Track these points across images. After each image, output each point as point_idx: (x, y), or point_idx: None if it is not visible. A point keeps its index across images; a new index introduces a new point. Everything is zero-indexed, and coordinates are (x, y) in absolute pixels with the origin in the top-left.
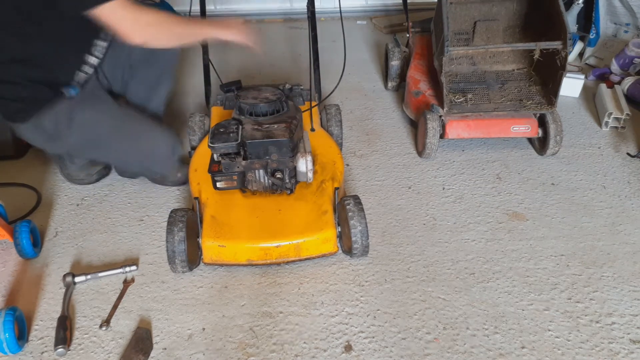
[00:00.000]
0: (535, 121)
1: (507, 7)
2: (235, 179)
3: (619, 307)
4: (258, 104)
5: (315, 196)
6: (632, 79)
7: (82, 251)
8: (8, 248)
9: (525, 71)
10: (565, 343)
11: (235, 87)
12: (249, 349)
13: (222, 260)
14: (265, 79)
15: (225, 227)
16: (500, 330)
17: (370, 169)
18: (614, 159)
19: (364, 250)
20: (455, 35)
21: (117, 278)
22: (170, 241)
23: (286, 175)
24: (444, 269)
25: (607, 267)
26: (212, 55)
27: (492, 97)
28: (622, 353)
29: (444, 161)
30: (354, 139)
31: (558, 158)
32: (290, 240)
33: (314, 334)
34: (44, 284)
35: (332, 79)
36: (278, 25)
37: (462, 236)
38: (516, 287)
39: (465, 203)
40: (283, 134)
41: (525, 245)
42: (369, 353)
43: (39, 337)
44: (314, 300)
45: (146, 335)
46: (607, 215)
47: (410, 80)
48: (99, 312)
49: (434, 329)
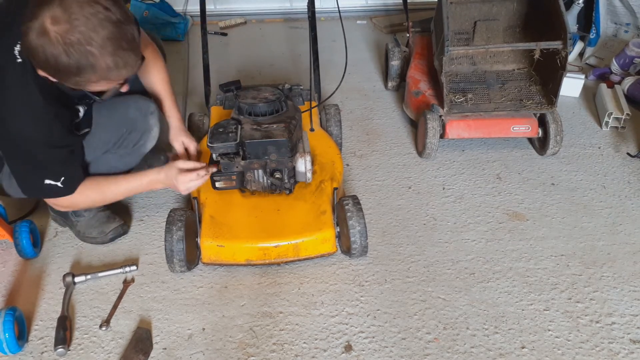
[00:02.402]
0: (535, 121)
1: (507, 7)
2: (234, 179)
3: (619, 307)
4: (257, 104)
5: (314, 196)
6: (632, 79)
7: (82, 251)
8: (8, 248)
9: (526, 71)
10: (565, 343)
11: (235, 87)
12: (249, 349)
13: (221, 260)
14: (265, 79)
15: (224, 227)
16: (500, 330)
17: (370, 169)
18: (614, 159)
19: (362, 250)
20: (455, 35)
21: (117, 278)
22: (168, 240)
23: (285, 175)
24: (444, 269)
25: (607, 267)
26: (212, 56)
27: (492, 97)
28: (622, 353)
29: (444, 161)
30: (354, 139)
31: (558, 158)
32: (289, 240)
33: (314, 334)
34: (44, 284)
35: (332, 79)
36: (278, 25)
37: (462, 236)
38: (516, 287)
39: (465, 203)
40: (282, 134)
41: (525, 245)
42: (369, 353)
43: (39, 337)
44: (314, 300)
45: (146, 335)
46: (607, 215)
47: (410, 80)
48: (99, 312)
49: (434, 329)
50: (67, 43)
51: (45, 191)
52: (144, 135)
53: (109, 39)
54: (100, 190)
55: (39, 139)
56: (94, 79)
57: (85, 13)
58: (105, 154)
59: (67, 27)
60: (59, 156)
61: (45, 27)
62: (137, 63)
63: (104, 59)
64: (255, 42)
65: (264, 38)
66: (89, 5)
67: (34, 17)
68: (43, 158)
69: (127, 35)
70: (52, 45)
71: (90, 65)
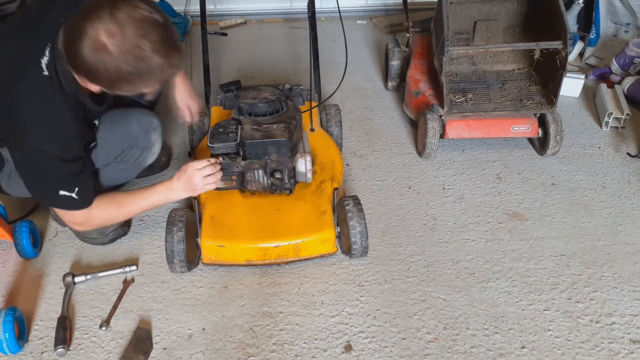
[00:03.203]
0: (535, 121)
1: (507, 7)
2: (234, 179)
3: (619, 307)
4: (257, 104)
5: (314, 196)
6: (632, 79)
7: (82, 251)
8: (8, 248)
9: (526, 71)
10: (565, 343)
11: (235, 87)
12: (249, 349)
13: (221, 261)
14: (265, 79)
15: (224, 227)
16: (500, 330)
17: (370, 169)
18: (614, 159)
19: (363, 250)
20: (455, 35)
21: (117, 278)
22: (169, 241)
23: (285, 175)
24: (444, 269)
25: (607, 267)
26: (212, 56)
27: (492, 97)
28: (622, 353)
29: (444, 161)
30: (354, 139)
31: (558, 158)
32: (289, 240)
33: (314, 334)
34: (44, 284)
35: (332, 79)
36: (278, 25)
37: (462, 236)
38: (516, 287)
39: (465, 203)
40: (282, 134)
41: (525, 245)
42: (369, 353)
43: (39, 337)
44: (314, 300)
45: (146, 335)
46: (607, 215)
47: (410, 80)
48: (99, 312)
49: (434, 329)
50: (126, 52)
51: (61, 201)
52: (145, 152)
53: (159, 42)
54: (117, 204)
55: (56, 154)
56: (150, 82)
57: (135, 21)
58: (106, 166)
59: (122, 38)
60: (73, 169)
61: (102, 42)
62: (183, 60)
63: (158, 62)
64: (255, 42)
65: (264, 38)
66: (135, 12)
67: (84, 33)
68: (57, 170)
69: (173, 35)
70: (112, 57)
71: (148, 70)
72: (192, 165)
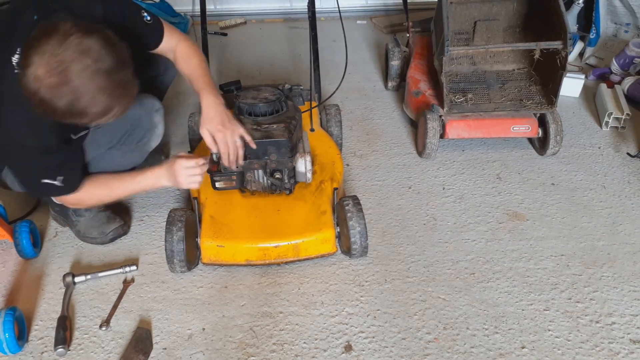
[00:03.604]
0: (535, 121)
1: (507, 7)
2: (234, 179)
3: (619, 307)
4: (257, 104)
5: (314, 196)
6: (632, 79)
7: (82, 251)
8: (8, 248)
9: (526, 71)
10: (565, 343)
11: (235, 87)
12: (249, 349)
13: (221, 261)
14: (265, 79)
15: (224, 227)
16: (500, 330)
17: (370, 169)
18: (614, 159)
19: (363, 250)
20: (455, 35)
21: (117, 278)
22: (169, 241)
23: (285, 175)
24: (444, 269)
25: (607, 267)
26: (212, 56)
27: (492, 97)
28: (622, 353)
29: (444, 161)
30: (354, 139)
31: (558, 158)
32: (289, 240)
33: (314, 334)
34: (44, 284)
35: (332, 79)
36: (278, 25)
37: (462, 236)
38: (516, 287)
39: (465, 203)
40: (282, 134)
41: (525, 245)
42: (369, 353)
43: (39, 337)
44: (314, 300)
45: (146, 335)
46: (607, 215)
47: (410, 80)
48: (99, 312)
49: (434, 329)
50: (60, 95)
51: (45, 189)
52: (148, 133)
53: (99, 91)
54: (107, 186)
55: (35, 145)
56: (87, 121)
57: (77, 67)
58: (110, 150)
59: (59, 80)
60: (54, 160)
61: (39, 77)
62: (129, 104)
63: (96, 108)
64: (255, 42)
65: (264, 38)
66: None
67: (29, 63)
68: (38, 162)
69: (119, 82)
70: (46, 92)
71: (83, 113)
72: (179, 162)
